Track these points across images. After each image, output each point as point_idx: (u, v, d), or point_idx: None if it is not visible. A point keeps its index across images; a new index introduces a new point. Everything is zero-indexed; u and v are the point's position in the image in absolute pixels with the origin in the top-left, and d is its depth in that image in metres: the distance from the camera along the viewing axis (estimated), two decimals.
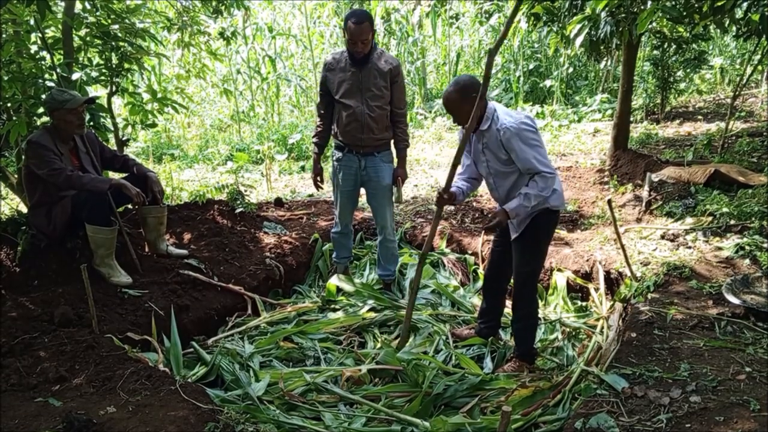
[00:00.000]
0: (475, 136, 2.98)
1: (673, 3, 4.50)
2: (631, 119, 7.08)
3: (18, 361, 2.70)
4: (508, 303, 3.44)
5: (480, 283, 4.26)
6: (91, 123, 4.20)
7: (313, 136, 3.97)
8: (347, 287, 4.11)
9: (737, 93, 6.24)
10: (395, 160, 3.91)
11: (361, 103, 3.66)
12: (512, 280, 3.22)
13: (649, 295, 3.24)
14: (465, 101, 2.82)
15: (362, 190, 4.04)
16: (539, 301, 4.02)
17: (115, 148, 4.59)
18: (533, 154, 2.81)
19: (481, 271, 4.37)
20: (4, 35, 3.79)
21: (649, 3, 4.37)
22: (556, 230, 4.69)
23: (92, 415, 2.27)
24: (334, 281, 4.15)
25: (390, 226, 4.00)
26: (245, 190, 5.30)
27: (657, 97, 8.70)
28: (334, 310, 3.91)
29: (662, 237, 4.06)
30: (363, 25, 3.47)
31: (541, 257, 3.12)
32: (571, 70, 10.75)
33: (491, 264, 3.36)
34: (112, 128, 4.66)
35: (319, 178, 3.99)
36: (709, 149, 6.08)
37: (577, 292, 4.02)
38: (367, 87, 3.65)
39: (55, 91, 3.48)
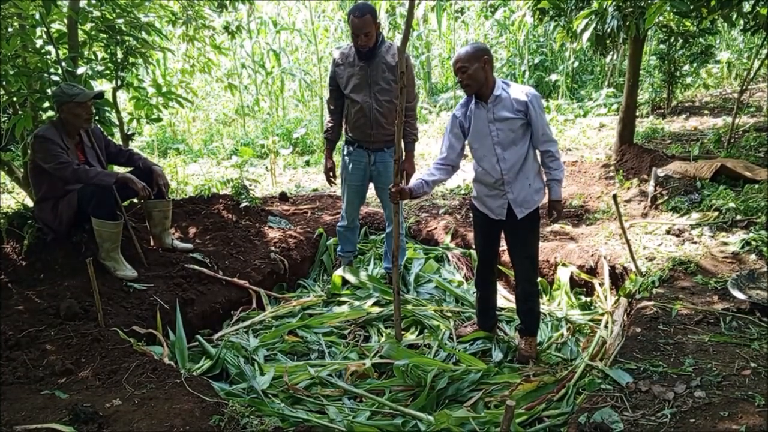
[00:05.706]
0: (482, 108, 2.91)
1: None
2: (637, 114, 7.04)
3: (24, 354, 2.72)
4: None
5: None
6: (97, 117, 4.21)
7: (325, 132, 3.96)
8: (352, 279, 4.12)
9: (744, 87, 6.20)
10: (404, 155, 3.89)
11: (369, 98, 3.65)
12: (516, 264, 3.17)
13: (654, 290, 3.23)
14: (476, 59, 2.81)
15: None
16: (544, 296, 4.03)
17: (120, 142, 4.61)
18: (546, 121, 2.95)
19: None
20: (9, 29, 3.80)
21: None
22: (562, 225, 4.70)
23: (98, 407, 2.28)
24: (340, 273, 4.16)
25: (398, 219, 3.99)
26: (250, 185, 5.31)
27: (663, 92, 8.66)
28: (339, 304, 3.92)
29: (668, 232, 4.04)
30: (365, 18, 3.45)
31: (539, 236, 3.22)
32: (576, 64, 10.71)
33: (485, 256, 3.30)
34: (117, 123, 4.67)
35: (331, 174, 3.98)
36: (717, 144, 6.05)
37: (582, 287, 4.00)
38: (375, 81, 3.63)
39: (64, 85, 3.50)
